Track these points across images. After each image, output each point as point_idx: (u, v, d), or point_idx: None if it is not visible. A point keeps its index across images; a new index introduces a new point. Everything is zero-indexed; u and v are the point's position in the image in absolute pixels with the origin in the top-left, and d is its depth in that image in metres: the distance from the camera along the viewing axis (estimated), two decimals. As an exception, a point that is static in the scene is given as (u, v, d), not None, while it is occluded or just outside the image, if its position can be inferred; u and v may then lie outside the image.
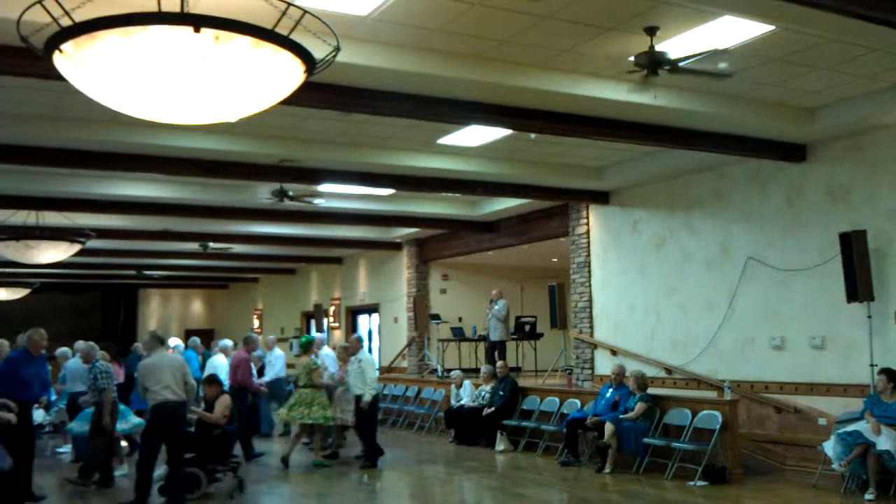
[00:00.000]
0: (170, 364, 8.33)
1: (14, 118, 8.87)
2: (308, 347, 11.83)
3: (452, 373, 14.44)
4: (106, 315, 31.01)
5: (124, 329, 31.44)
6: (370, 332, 21.44)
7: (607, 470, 10.17)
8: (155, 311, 32.47)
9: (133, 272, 25.21)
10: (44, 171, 11.40)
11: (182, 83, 3.85)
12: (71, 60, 3.77)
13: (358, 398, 10.95)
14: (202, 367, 14.49)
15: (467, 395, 13.56)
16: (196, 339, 15.52)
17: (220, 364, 13.29)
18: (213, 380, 9.84)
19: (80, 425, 10.38)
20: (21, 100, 8.36)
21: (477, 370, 14.29)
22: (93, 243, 14.60)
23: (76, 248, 13.24)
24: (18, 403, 8.10)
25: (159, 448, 8.29)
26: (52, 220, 13.35)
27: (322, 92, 7.21)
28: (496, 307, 14.82)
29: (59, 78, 4.07)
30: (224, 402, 9.37)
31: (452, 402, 13.83)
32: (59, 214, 13.26)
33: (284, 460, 10.92)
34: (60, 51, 3.73)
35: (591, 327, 13.63)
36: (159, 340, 8.65)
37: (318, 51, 4.14)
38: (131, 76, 3.81)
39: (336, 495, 9.54)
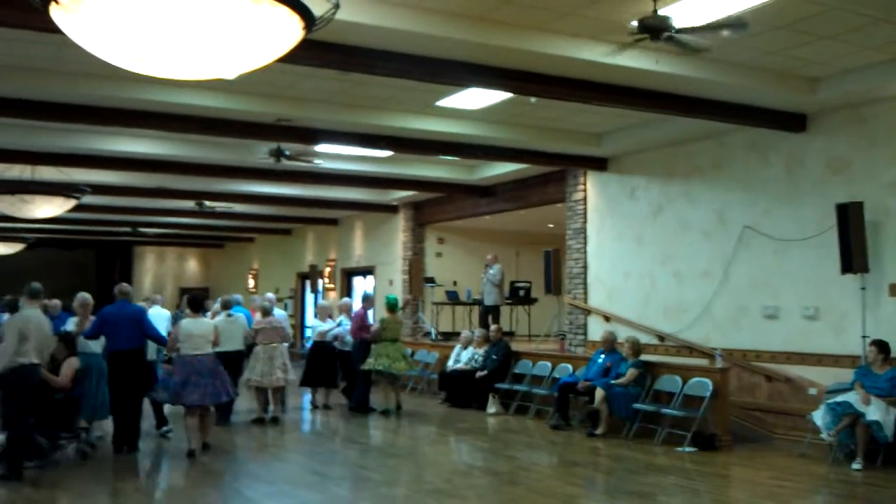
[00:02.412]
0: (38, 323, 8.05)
1: (10, 71, 8.79)
2: (396, 306, 12.63)
3: (463, 333, 14.45)
4: (101, 272, 30.96)
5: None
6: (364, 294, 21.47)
7: (597, 433, 10.26)
8: (150, 268, 32.47)
9: (128, 229, 25.16)
10: (39, 126, 11.31)
11: (179, 38, 3.81)
12: (68, 12, 3.72)
13: None
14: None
15: (467, 356, 13.61)
16: (260, 298, 14.61)
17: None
18: (66, 338, 9.11)
19: None
20: (17, 52, 8.28)
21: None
22: (88, 199, 14.55)
23: (71, 203, 13.21)
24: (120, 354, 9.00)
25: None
26: (47, 174, 13.30)
27: (320, 50, 7.14)
28: (491, 272, 14.84)
29: (56, 30, 4.02)
30: (72, 365, 8.72)
31: (451, 360, 13.88)
32: (55, 169, 13.21)
33: (390, 411, 12.21)
34: (57, 2, 3.69)
35: (586, 293, 13.67)
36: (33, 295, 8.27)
37: (318, 7, 4.10)
38: (128, 29, 3.76)
39: (328, 453, 9.62)
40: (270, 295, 13.47)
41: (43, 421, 8.31)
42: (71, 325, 9.73)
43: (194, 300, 9.74)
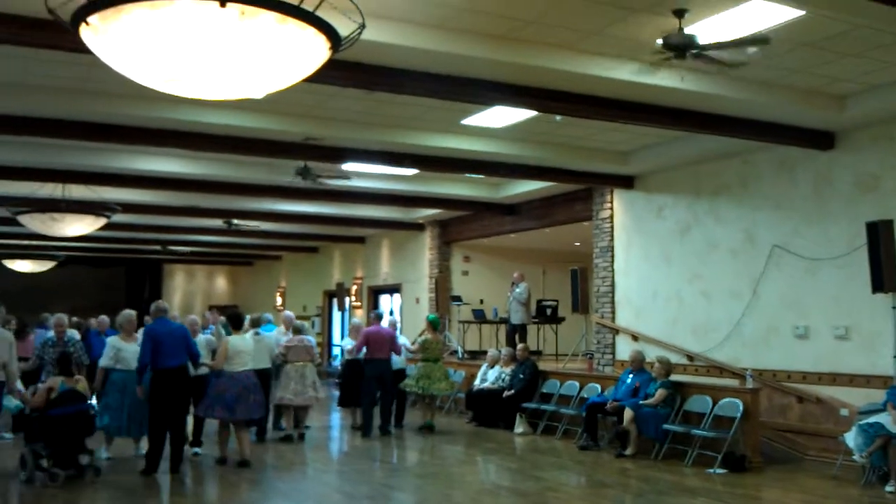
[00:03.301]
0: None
1: (42, 91, 8.93)
2: (437, 325, 12.82)
3: (489, 352, 14.42)
4: (130, 289, 31.26)
5: (149, 304, 31.58)
6: (391, 312, 21.48)
7: (626, 454, 10.18)
8: (179, 286, 32.72)
9: (158, 247, 25.39)
10: (70, 145, 11.47)
11: (208, 58, 3.85)
12: (97, 33, 3.78)
13: None
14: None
15: (494, 375, 13.56)
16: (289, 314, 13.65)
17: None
18: (61, 358, 9.21)
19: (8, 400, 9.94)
20: (49, 73, 8.41)
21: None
22: (118, 217, 14.70)
23: (102, 221, 13.33)
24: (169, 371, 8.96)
25: None
26: (77, 193, 13.44)
27: (347, 70, 7.21)
28: (517, 290, 14.80)
29: (86, 51, 4.08)
30: (47, 385, 8.75)
31: (478, 379, 13.83)
32: (85, 188, 13.35)
33: (430, 427, 12.36)
34: (87, 24, 3.74)
35: (613, 312, 13.59)
36: None
37: (344, 28, 4.13)
38: (157, 50, 3.81)
39: (355, 472, 9.61)
40: (289, 313, 13.46)
41: (26, 436, 8.58)
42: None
43: (236, 317, 10.06)
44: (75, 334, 11.65)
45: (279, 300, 27.97)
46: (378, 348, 12.06)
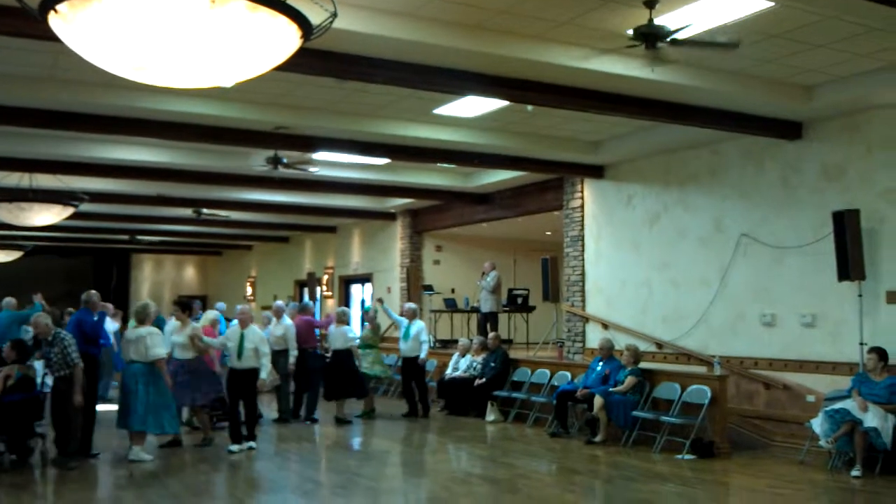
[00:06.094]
0: None
1: (8, 79, 8.80)
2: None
3: (461, 341, 14.44)
4: (98, 279, 30.91)
5: (116, 293, 31.35)
6: (363, 302, 21.46)
7: (596, 441, 10.26)
8: (148, 276, 32.44)
9: (126, 237, 25.14)
10: (38, 133, 11.31)
11: (177, 46, 3.82)
12: (66, 21, 3.73)
13: None
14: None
15: (465, 364, 13.60)
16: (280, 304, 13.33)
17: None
18: (17, 345, 9.23)
19: None
20: (15, 60, 8.29)
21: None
22: (86, 207, 14.55)
23: (69, 211, 13.18)
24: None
25: None
26: (45, 182, 13.29)
27: (318, 59, 7.17)
28: (487, 279, 14.85)
29: (55, 39, 4.04)
30: (6, 372, 8.75)
31: (450, 368, 13.87)
32: (53, 177, 13.20)
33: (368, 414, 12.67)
34: (55, 11, 3.69)
35: (584, 301, 13.67)
36: None
37: (315, 16, 4.11)
38: (127, 38, 3.77)
39: (326, 461, 9.62)
40: (279, 302, 13.33)
41: None
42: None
43: (185, 305, 10.62)
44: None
45: (249, 290, 27.84)
46: (306, 339, 12.30)
